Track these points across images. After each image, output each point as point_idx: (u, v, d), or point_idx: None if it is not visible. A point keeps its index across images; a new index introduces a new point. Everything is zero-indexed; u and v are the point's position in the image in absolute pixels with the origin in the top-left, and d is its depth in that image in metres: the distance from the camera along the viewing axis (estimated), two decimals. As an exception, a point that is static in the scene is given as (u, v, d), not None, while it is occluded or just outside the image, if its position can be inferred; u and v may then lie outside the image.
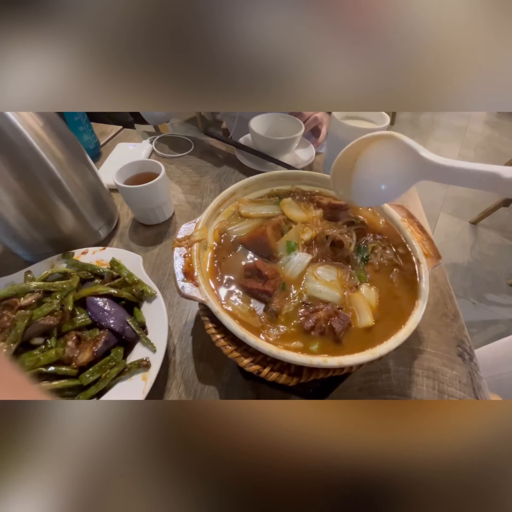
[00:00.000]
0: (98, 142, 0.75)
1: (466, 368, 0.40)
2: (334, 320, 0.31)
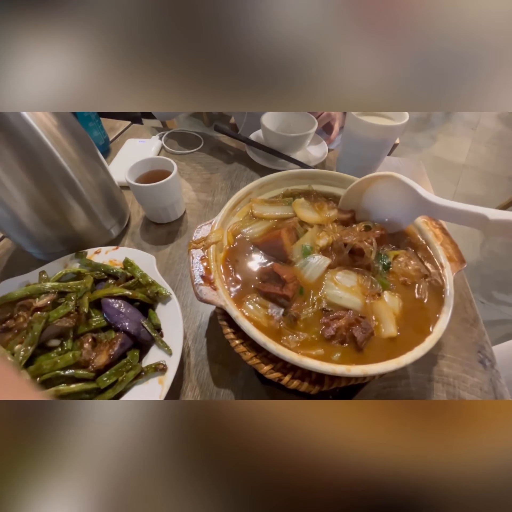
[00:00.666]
0: (107, 138, 0.74)
1: (488, 376, 0.39)
2: (356, 329, 0.30)
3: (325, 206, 0.42)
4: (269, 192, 0.45)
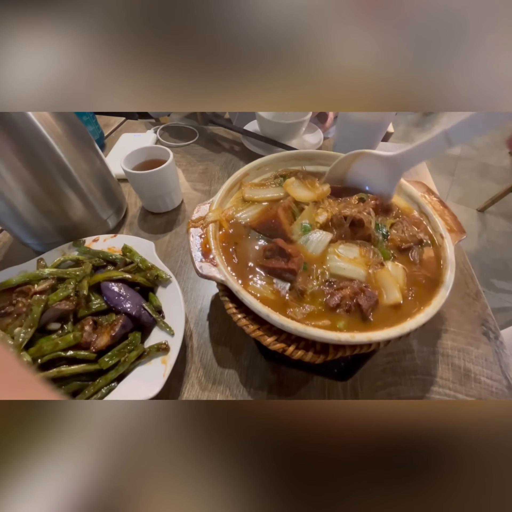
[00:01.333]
0: (102, 133, 0.74)
1: (492, 347, 0.39)
2: (361, 297, 0.29)
3: (315, 182, 0.41)
4: (266, 174, 0.45)
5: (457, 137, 0.29)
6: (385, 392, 0.35)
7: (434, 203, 0.39)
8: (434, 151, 0.32)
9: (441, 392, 0.35)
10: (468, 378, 0.36)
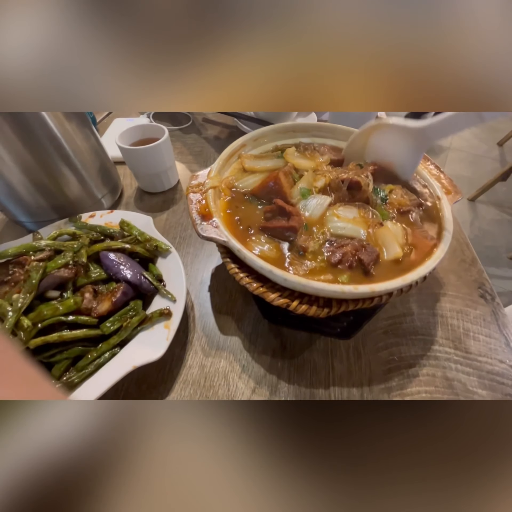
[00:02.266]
0: (94, 117, 0.72)
1: (489, 308, 0.39)
2: (362, 253, 0.30)
3: (316, 153, 0.42)
4: (263, 145, 0.45)
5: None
6: (387, 352, 0.36)
7: (430, 169, 0.40)
8: (464, 125, 0.30)
9: (441, 350, 0.36)
10: (467, 337, 0.37)
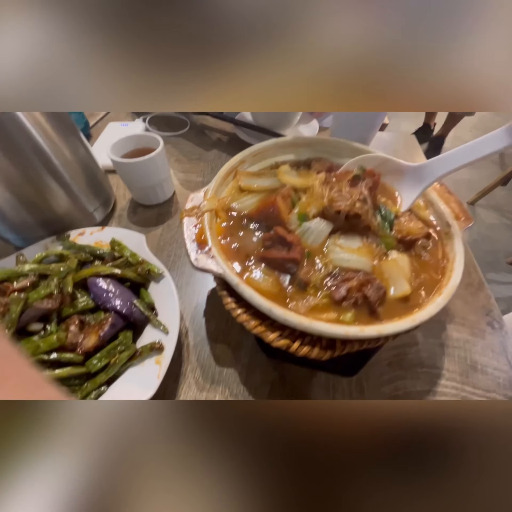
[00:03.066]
0: (87, 122, 0.69)
1: (497, 337, 0.38)
2: (368, 289, 0.28)
3: (311, 171, 0.39)
4: (263, 161, 0.42)
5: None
6: (392, 386, 0.34)
7: (439, 190, 0.38)
8: (467, 159, 0.30)
9: (448, 385, 0.34)
10: (475, 370, 0.35)
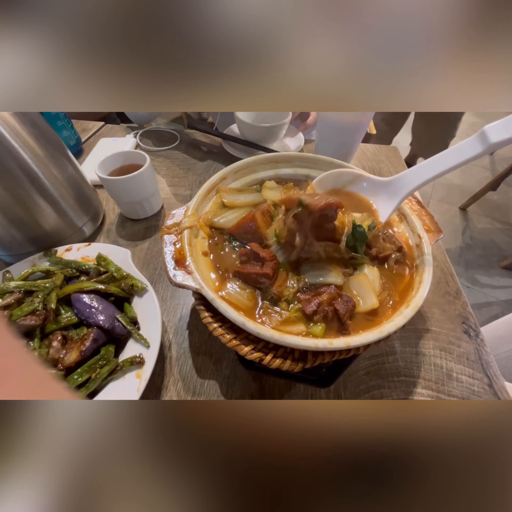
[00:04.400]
0: (79, 138, 0.71)
1: (473, 345, 0.39)
2: (338, 302, 0.29)
3: (295, 188, 0.41)
4: (244, 177, 0.44)
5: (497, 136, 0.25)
6: (369, 395, 0.35)
7: (412, 204, 0.39)
8: (437, 171, 0.30)
9: (424, 393, 0.35)
10: (450, 378, 0.36)
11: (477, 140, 0.27)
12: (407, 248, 0.35)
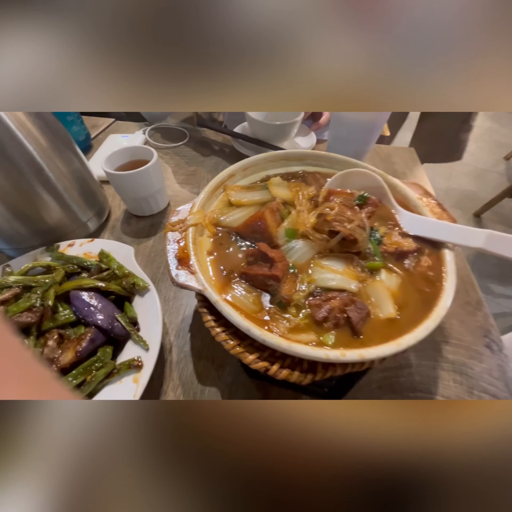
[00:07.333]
0: (88, 133, 0.71)
1: (496, 360, 0.36)
2: (351, 309, 0.26)
3: (302, 184, 0.39)
4: (254, 175, 0.42)
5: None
6: (381, 412, 0.32)
7: (432, 206, 0.37)
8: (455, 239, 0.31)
9: (442, 411, 0.32)
10: (471, 397, 0.33)
11: (486, 236, 0.28)
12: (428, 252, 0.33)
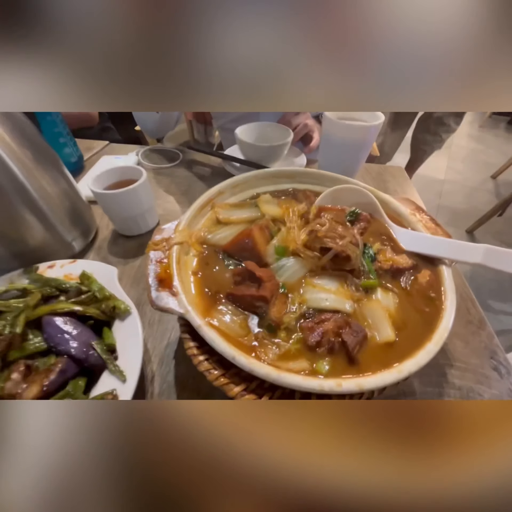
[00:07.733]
0: (81, 155, 0.71)
1: (505, 385, 0.33)
2: (346, 333, 0.24)
3: (292, 201, 0.38)
4: (243, 192, 0.41)
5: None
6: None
7: (426, 221, 0.36)
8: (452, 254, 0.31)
9: (453, 446, 0.29)
10: (483, 427, 0.30)
11: (483, 251, 0.29)
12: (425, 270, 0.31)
